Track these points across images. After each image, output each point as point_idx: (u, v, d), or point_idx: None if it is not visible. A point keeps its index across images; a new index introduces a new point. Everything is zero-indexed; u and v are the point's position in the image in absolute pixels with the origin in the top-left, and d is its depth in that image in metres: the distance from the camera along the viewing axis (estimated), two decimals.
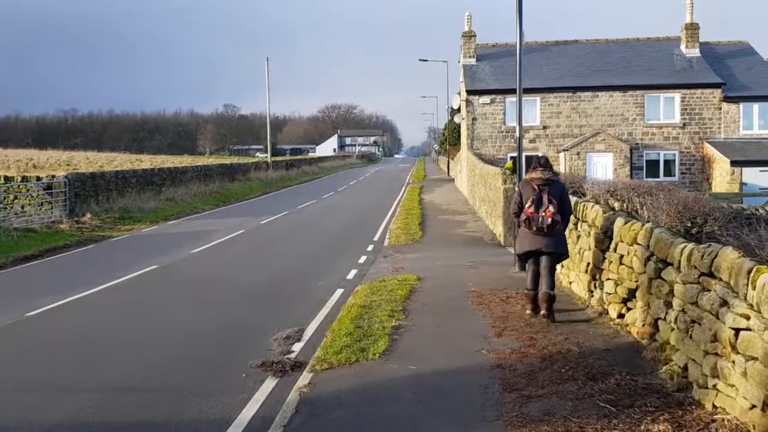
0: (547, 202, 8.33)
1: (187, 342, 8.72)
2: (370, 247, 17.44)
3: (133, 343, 8.67)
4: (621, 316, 7.98)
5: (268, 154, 53.80)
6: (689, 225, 7.97)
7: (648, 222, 7.77)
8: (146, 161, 66.72)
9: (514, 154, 34.29)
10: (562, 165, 31.72)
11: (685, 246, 6.14)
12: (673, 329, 6.29)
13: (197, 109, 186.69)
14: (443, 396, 6.04)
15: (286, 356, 7.88)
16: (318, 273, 13.55)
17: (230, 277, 13.40)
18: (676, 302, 6.22)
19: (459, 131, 56.54)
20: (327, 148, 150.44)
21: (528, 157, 32.16)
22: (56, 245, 17.86)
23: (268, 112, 51.46)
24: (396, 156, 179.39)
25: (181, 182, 33.60)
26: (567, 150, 30.74)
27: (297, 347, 8.30)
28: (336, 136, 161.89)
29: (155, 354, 8.19)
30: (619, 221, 8.11)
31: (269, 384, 6.95)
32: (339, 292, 11.62)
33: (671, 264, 6.41)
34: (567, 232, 9.50)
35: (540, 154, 9.88)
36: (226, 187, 38.27)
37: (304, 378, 6.82)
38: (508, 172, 18.36)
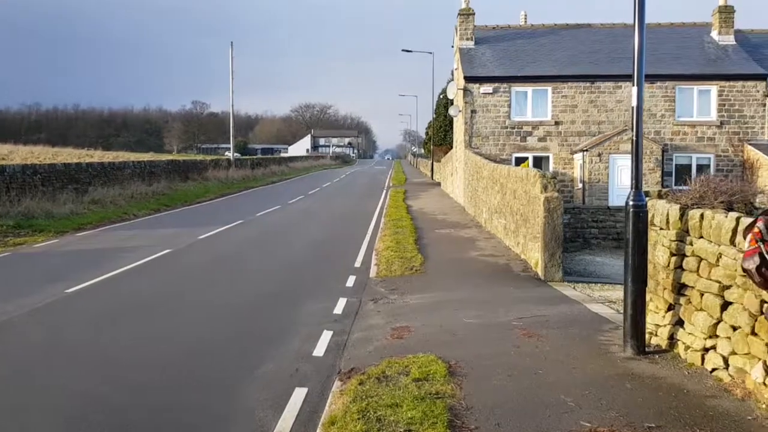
0: None
1: None
2: (350, 281, 11.81)
3: None
4: None
5: (231, 151, 47.71)
6: None
7: None
8: (96, 156, 60.30)
9: (520, 155, 29.16)
10: (577, 169, 26.45)
11: None
12: None
13: (166, 106, 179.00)
14: None
15: None
16: (260, 342, 7.84)
17: (94, 356, 7.58)
18: None
19: (445, 130, 51.20)
20: (300, 148, 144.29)
21: (536, 159, 27.29)
22: None
23: (232, 102, 45.43)
24: (372, 158, 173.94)
25: (116, 181, 27.52)
26: (586, 150, 25.43)
27: None
28: (309, 136, 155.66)
29: None
30: None
31: None
32: (297, 399, 5.93)
33: None
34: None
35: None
36: (176, 188, 32.25)
37: None
38: (548, 174, 12.88)
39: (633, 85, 6.41)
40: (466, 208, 24.85)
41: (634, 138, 6.44)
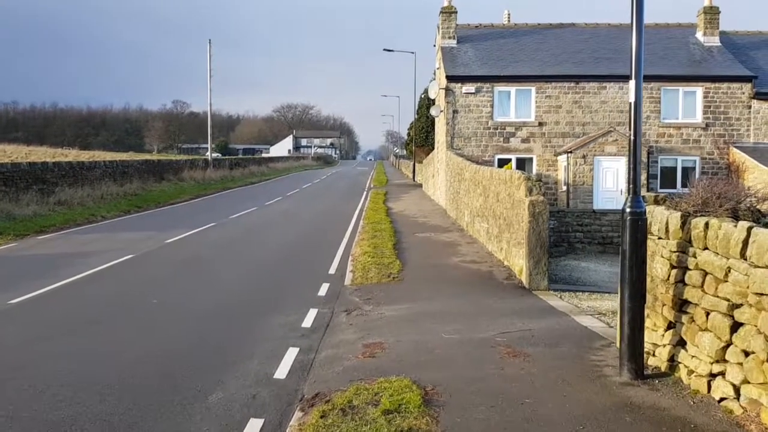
0: None
1: None
2: (323, 290, 11.07)
3: None
4: None
5: (209, 151, 46.63)
6: None
7: None
8: (71, 156, 58.87)
9: (503, 156, 28.57)
10: (561, 171, 25.90)
11: None
12: None
13: (146, 106, 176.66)
14: None
15: None
16: (218, 361, 7.06)
17: (18, 379, 6.79)
18: None
19: (427, 131, 50.56)
20: (282, 148, 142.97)
21: (520, 160, 26.71)
22: None
23: (210, 101, 44.37)
24: (355, 159, 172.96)
25: (86, 181, 26.50)
26: (570, 152, 24.87)
27: None
28: (291, 136, 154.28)
29: None
30: None
31: None
32: None
33: None
34: None
35: None
36: (150, 189, 31.27)
37: None
38: (533, 177, 12.24)
39: (631, 79, 5.74)
40: (448, 210, 24.21)
41: (632, 137, 5.77)
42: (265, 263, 13.72)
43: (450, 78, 26.44)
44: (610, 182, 24.69)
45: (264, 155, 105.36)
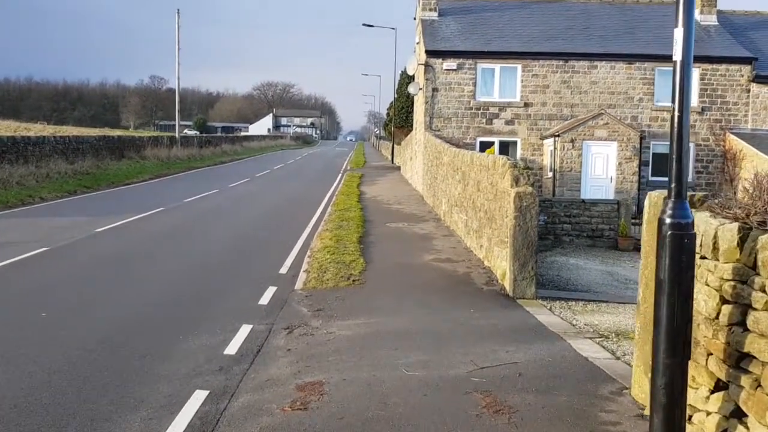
0: None
1: None
2: (266, 296, 9.16)
3: None
4: None
5: (177, 128, 44.16)
6: None
7: None
8: (34, 130, 56.07)
9: (486, 139, 26.67)
10: (547, 156, 24.10)
11: None
12: None
13: (124, 81, 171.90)
14: None
15: None
16: (84, 417, 5.13)
17: None
18: None
19: (407, 111, 48.48)
20: (261, 127, 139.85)
21: (503, 144, 24.83)
22: None
23: (178, 74, 41.76)
24: (336, 139, 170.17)
25: (31, 158, 24.21)
26: (558, 135, 23.05)
27: None
28: (271, 115, 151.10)
29: None
30: None
31: None
32: None
33: None
34: None
35: None
36: (106, 167, 28.96)
37: None
38: (520, 164, 10.38)
39: (677, 27, 3.88)
40: (425, 197, 22.34)
41: (676, 112, 3.94)
42: (206, 260, 11.74)
43: (430, 53, 24.42)
44: (600, 169, 22.97)
45: (243, 134, 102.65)
